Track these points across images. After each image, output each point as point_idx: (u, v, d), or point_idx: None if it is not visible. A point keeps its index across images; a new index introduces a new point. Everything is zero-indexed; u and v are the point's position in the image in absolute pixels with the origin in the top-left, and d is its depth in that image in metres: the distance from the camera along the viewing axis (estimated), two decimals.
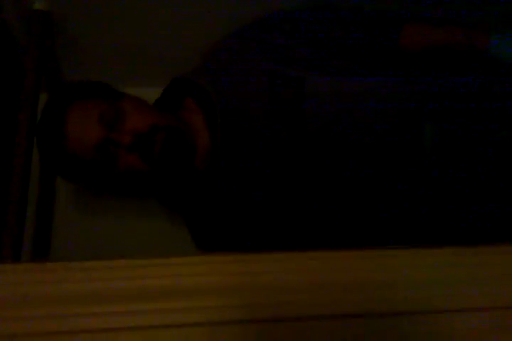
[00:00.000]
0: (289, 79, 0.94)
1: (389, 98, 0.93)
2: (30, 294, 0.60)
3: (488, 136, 0.93)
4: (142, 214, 1.15)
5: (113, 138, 0.89)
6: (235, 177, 0.93)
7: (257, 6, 1.05)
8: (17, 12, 1.05)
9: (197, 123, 0.98)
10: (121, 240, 1.10)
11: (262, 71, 0.95)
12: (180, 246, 1.07)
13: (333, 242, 0.94)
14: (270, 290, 0.62)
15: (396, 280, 0.63)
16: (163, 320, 0.60)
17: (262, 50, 0.98)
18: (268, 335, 0.61)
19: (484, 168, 0.93)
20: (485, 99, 0.95)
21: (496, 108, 0.95)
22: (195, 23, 1.11)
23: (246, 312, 0.61)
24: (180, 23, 1.11)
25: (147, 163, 0.91)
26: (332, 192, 0.92)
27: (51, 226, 1.14)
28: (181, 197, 1.01)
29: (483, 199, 0.94)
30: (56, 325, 0.59)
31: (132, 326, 0.60)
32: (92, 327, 0.60)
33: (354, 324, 0.61)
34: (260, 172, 0.92)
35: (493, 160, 0.93)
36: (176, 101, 1.02)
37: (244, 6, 1.06)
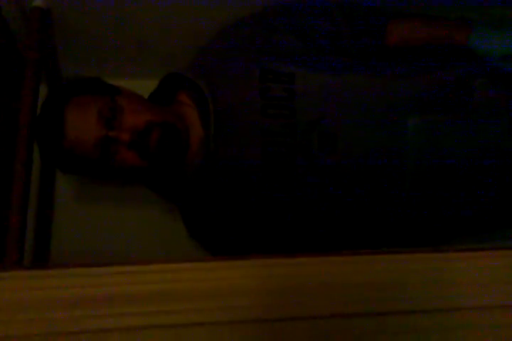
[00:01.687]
0: (279, 75, 0.97)
1: (375, 93, 0.97)
2: (35, 298, 0.67)
3: (468, 131, 0.97)
4: (139, 205, 1.20)
5: (112, 137, 0.92)
6: (227, 170, 0.97)
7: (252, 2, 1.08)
8: (16, 9, 1.08)
9: (190, 116, 1.01)
10: (120, 230, 1.17)
11: (253, 66, 0.98)
12: (176, 235, 1.14)
13: (322, 241, 1.00)
14: (275, 292, 0.69)
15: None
16: (163, 320, 0.67)
17: (252, 44, 1.01)
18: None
19: (467, 163, 0.97)
20: (465, 95, 0.99)
21: (474, 104, 0.98)
22: (192, 16, 1.14)
23: (249, 313, 0.67)
24: (178, 16, 1.14)
25: (144, 158, 0.95)
26: (321, 189, 0.96)
27: (51, 219, 1.20)
28: (175, 189, 1.06)
29: (466, 195, 0.98)
30: (58, 326, 0.66)
31: (126, 326, 0.67)
32: (91, 328, 0.66)
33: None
34: (253, 165, 0.96)
35: (476, 153, 0.97)
36: (170, 95, 1.06)
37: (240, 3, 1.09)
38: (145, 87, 1.08)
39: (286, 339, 0.68)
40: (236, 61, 1.00)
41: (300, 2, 1.06)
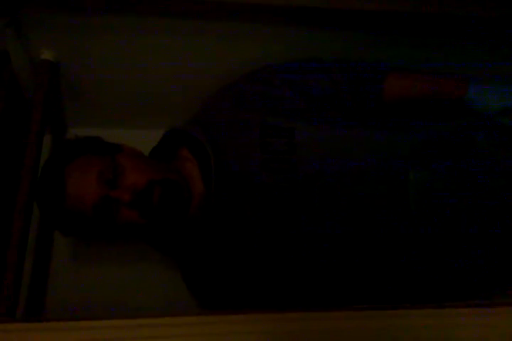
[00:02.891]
0: (279, 130, 0.98)
1: (375, 147, 0.98)
2: None
3: (471, 182, 0.98)
4: (137, 260, 1.19)
5: (113, 196, 0.91)
6: (227, 226, 0.97)
7: (253, 58, 1.12)
8: (25, 61, 1.10)
9: (191, 172, 1.01)
10: (117, 285, 1.15)
11: (254, 122, 0.99)
12: (173, 291, 1.12)
13: (324, 295, 0.98)
14: None
15: None
16: None
17: (253, 101, 1.03)
18: None
19: (469, 215, 0.97)
20: (466, 147, 1.01)
21: (476, 155, 1.00)
22: (194, 71, 1.17)
23: None
24: (180, 71, 1.17)
25: (145, 217, 0.94)
26: (323, 242, 0.95)
27: (48, 274, 1.18)
28: (175, 244, 1.05)
29: (469, 247, 0.98)
30: None
31: None
32: None
33: None
34: (253, 221, 0.95)
35: (478, 205, 0.97)
36: (171, 150, 1.07)
37: (242, 58, 1.13)
38: (149, 137, 1.10)
39: None
40: (237, 117, 1.01)
41: (298, 60, 1.09)
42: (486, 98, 0.99)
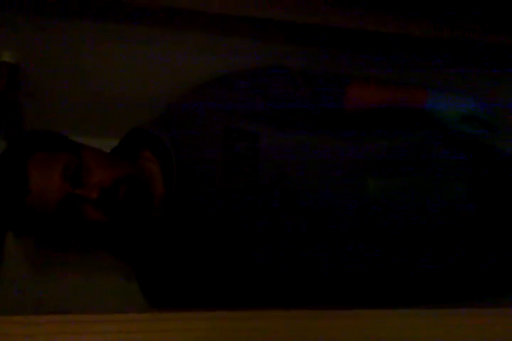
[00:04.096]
0: (243, 134, 0.98)
1: (336, 154, 0.99)
2: None
3: (429, 187, 0.99)
4: (90, 265, 1.16)
5: (79, 194, 0.89)
6: (186, 229, 0.95)
7: (219, 64, 1.12)
8: None
9: (153, 172, 1.00)
10: (73, 295, 1.12)
11: (217, 125, 0.99)
12: (130, 299, 1.09)
13: (283, 297, 0.97)
14: None
15: None
16: None
17: (218, 105, 1.03)
18: None
19: (429, 219, 0.98)
20: (423, 157, 1.02)
21: (432, 165, 1.02)
22: (158, 80, 1.16)
23: None
24: (142, 76, 1.16)
25: (109, 215, 0.91)
26: (281, 245, 0.95)
27: None
28: (132, 246, 1.02)
29: (429, 252, 0.98)
30: None
31: None
32: None
33: None
34: (212, 224, 0.94)
35: (437, 211, 0.98)
36: (132, 151, 1.05)
37: (206, 64, 1.13)
38: (107, 146, 1.07)
39: None
40: (201, 120, 1.01)
41: (263, 67, 1.10)
42: (445, 106, 1.03)
